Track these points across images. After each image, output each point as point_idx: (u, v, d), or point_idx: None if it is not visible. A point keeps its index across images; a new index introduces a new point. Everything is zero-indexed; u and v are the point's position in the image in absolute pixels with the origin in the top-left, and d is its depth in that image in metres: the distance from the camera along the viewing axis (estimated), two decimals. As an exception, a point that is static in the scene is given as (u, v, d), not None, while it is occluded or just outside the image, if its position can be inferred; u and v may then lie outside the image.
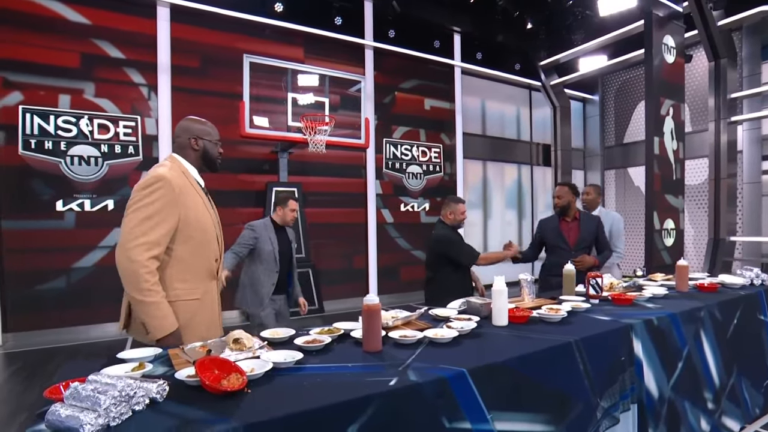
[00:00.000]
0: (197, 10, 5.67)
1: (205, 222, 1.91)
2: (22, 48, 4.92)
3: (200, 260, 1.90)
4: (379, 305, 1.64)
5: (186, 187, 1.85)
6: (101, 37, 5.29)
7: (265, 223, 3.38)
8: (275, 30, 6.19)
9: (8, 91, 4.87)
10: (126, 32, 5.40)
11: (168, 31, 5.60)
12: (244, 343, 1.64)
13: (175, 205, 1.77)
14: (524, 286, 2.44)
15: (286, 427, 1.12)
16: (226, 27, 5.90)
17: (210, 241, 1.93)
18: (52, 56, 5.06)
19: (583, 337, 1.79)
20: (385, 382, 1.33)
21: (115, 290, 1.81)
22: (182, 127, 1.97)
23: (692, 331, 2.35)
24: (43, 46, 5.00)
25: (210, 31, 5.83)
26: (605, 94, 9.37)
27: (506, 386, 1.53)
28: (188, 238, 1.83)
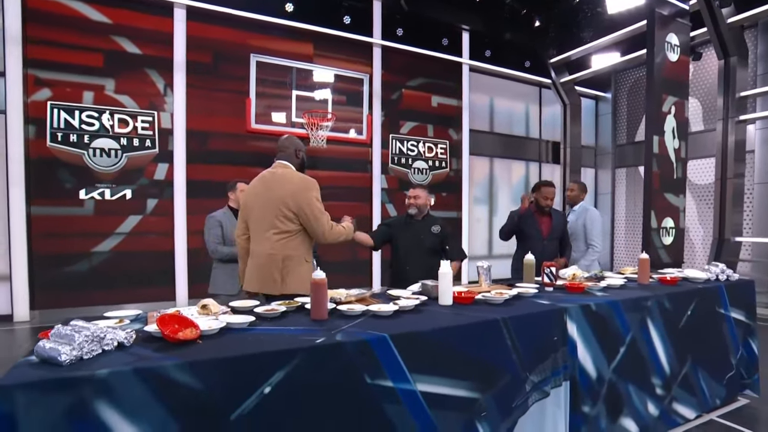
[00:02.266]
0: (212, 11, 6.04)
1: None
2: (51, 48, 5.38)
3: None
4: (324, 280, 1.91)
5: None
6: (122, 36, 5.70)
7: (223, 212, 3.53)
8: (285, 29, 6.49)
9: (38, 88, 5.34)
10: (145, 31, 5.80)
11: (184, 31, 5.98)
12: (210, 309, 1.94)
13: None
14: (481, 273, 2.66)
15: (219, 366, 1.41)
16: (238, 26, 6.24)
17: None
18: (78, 55, 5.50)
19: (511, 316, 2.01)
20: (313, 340, 1.60)
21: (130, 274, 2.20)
22: (289, 141, 2.70)
23: (637, 319, 2.52)
24: (69, 46, 5.45)
25: (223, 30, 6.18)
26: (618, 91, 9.32)
27: (429, 353, 1.77)
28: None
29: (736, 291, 3.14)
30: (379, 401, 1.65)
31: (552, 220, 3.70)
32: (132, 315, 1.89)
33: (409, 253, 3.36)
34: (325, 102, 6.16)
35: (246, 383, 1.44)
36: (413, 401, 1.72)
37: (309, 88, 6.20)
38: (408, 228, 3.41)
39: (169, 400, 1.33)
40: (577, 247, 4.02)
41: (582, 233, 4.02)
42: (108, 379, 1.27)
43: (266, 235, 2.53)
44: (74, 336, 1.34)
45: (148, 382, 1.32)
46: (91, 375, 1.25)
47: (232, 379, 1.43)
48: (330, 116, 5.80)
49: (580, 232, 4.03)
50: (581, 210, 4.10)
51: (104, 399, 1.26)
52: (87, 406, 1.24)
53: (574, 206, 4.16)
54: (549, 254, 2.94)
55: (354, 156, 7.15)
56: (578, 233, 4.03)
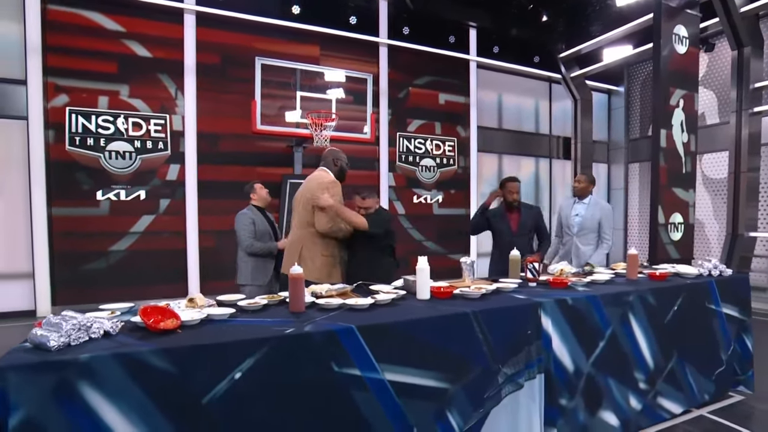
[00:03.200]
0: (220, 16, 6.24)
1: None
2: (68, 56, 5.66)
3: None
4: (301, 275, 2.03)
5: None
6: (135, 43, 5.96)
7: (249, 209, 3.84)
8: (292, 31, 6.65)
9: (57, 94, 5.64)
10: (156, 37, 6.04)
11: (194, 36, 6.20)
12: (196, 302, 2.09)
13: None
14: (464, 269, 2.74)
15: (193, 352, 1.54)
16: (246, 29, 6.42)
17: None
18: (93, 62, 5.77)
19: (482, 310, 2.09)
20: (283, 330, 1.72)
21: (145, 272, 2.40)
22: (330, 152, 3.21)
23: (618, 314, 2.56)
24: (85, 53, 5.72)
25: (232, 34, 6.38)
26: (631, 85, 9.17)
27: (397, 344, 1.87)
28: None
29: (728, 286, 3.13)
30: (346, 388, 1.76)
31: (521, 216, 3.75)
32: (125, 307, 2.05)
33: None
34: (329, 102, 6.30)
35: (218, 369, 1.57)
36: (381, 389, 1.82)
37: (313, 89, 6.36)
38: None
39: (145, 383, 1.47)
40: (587, 240, 3.96)
41: (595, 226, 3.95)
42: (90, 362, 1.41)
43: (294, 224, 3.15)
44: (62, 324, 1.49)
45: (127, 367, 1.46)
46: (74, 359, 1.40)
47: (205, 365, 1.56)
48: (333, 116, 5.93)
49: (593, 225, 3.94)
50: (593, 203, 4.00)
51: (87, 381, 1.41)
52: (71, 386, 1.39)
53: (583, 198, 4.03)
54: (519, 249, 2.98)
55: (361, 154, 7.27)
56: (591, 226, 3.94)
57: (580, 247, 3.94)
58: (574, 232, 3.95)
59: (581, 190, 4.06)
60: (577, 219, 3.94)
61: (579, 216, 3.94)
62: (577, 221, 3.93)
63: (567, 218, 4.03)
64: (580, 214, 3.96)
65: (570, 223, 3.99)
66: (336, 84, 6.59)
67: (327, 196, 2.94)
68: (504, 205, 3.82)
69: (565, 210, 4.07)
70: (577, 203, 4.03)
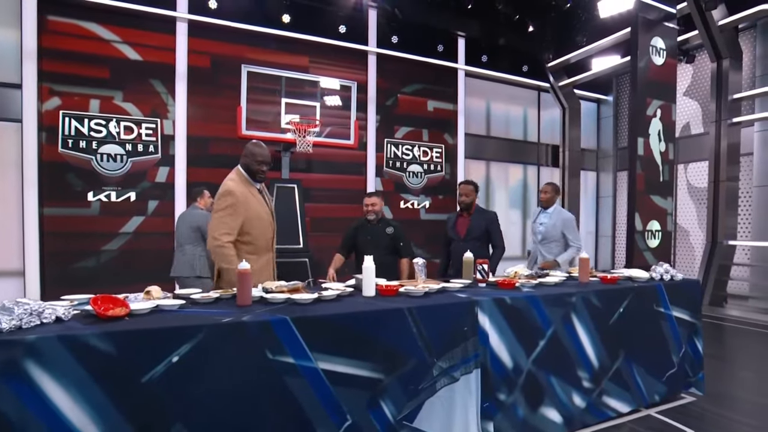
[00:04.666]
0: (211, 24, 6.47)
1: (261, 213, 2.84)
2: (63, 61, 5.89)
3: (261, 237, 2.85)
4: (248, 270, 2.19)
5: (247, 195, 2.77)
6: (128, 51, 6.18)
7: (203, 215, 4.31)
8: (282, 39, 6.86)
9: (51, 98, 5.86)
10: (149, 43, 6.27)
11: (185, 44, 6.42)
12: (152, 294, 2.26)
13: (239, 210, 2.69)
14: (417, 269, 2.89)
15: (133, 336, 1.70)
16: (237, 38, 6.64)
17: (264, 225, 2.86)
18: (87, 68, 6.00)
19: (417, 306, 2.24)
20: (220, 319, 1.88)
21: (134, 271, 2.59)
22: (245, 147, 2.88)
23: (560, 314, 2.70)
24: (79, 58, 5.95)
25: (222, 42, 6.60)
26: (619, 94, 9.31)
27: (331, 335, 2.02)
28: (252, 224, 2.77)
29: (678, 290, 3.26)
30: (280, 375, 1.91)
31: (471, 221, 3.85)
32: (84, 298, 2.21)
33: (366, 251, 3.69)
34: (314, 108, 6.49)
35: (156, 352, 1.73)
36: (314, 377, 1.97)
37: (300, 96, 6.55)
38: (366, 230, 3.94)
39: (88, 363, 1.63)
40: (549, 249, 4.09)
41: (559, 236, 4.08)
42: (36, 343, 1.57)
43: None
44: (13, 309, 1.66)
45: (72, 348, 1.61)
46: (21, 339, 1.56)
47: (145, 349, 1.72)
48: (316, 123, 6.12)
49: (556, 234, 4.07)
50: (556, 213, 4.13)
51: (33, 360, 1.56)
52: (18, 365, 1.55)
53: (548, 208, 4.17)
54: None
55: (348, 159, 7.45)
56: (554, 235, 4.07)
57: (544, 255, 4.09)
58: (538, 240, 4.10)
59: (547, 200, 4.18)
60: (540, 228, 4.09)
61: (542, 225, 4.09)
62: (541, 230, 4.08)
63: (533, 226, 4.20)
64: (544, 223, 4.11)
65: (534, 232, 4.15)
66: (325, 91, 6.79)
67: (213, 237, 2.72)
68: (462, 209, 3.96)
69: (533, 218, 4.25)
70: (542, 213, 4.17)
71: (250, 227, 2.74)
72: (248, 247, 2.76)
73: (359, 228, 3.98)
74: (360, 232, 3.95)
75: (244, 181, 2.82)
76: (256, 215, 2.77)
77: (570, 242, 4.08)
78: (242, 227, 2.72)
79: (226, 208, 2.68)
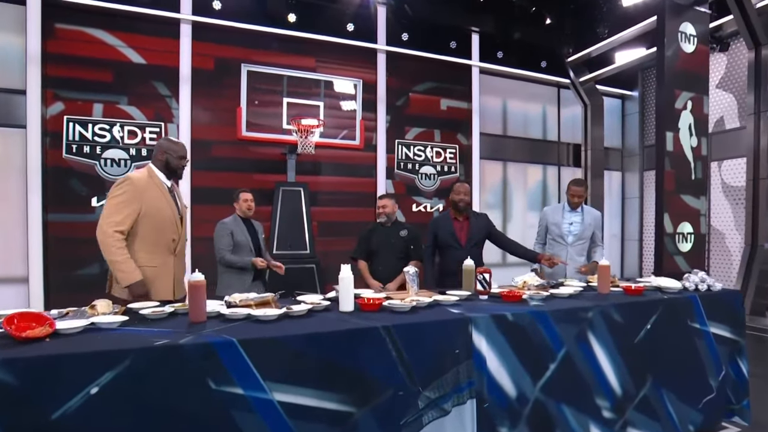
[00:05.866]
0: (216, 25, 6.28)
1: (163, 211, 2.59)
2: (66, 66, 5.79)
3: (159, 238, 2.58)
4: (202, 282, 1.87)
5: (149, 186, 2.55)
6: (132, 55, 6.05)
7: (234, 218, 3.78)
8: (288, 39, 6.62)
9: (55, 102, 5.76)
10: (153, 50, 6.12)
11: (189, 46, 6.24)
12: (97, 309, 1.97)
13: (136, 198, 2.47)
14: (408, 279, 2.52)
15: (42, 364, 1.40)
16: (242, 39, 6.43)
17: (166, 226, 2.60)
18: (91, 72, 5.89)
19: (397, 324, 1.87)
20: (153, 341, 1.56)
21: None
22: (157, 143, 2.73)
23: (573, 332, 2.29)
24: (83, 63, 5.84)
25: (226, 46, 6.40)
26: (645, 89, 8.70)
27: (289, 361, 1.68)
28: (149, 221, 2.53)
29: (716, 303, 2.79)
30: (226, 408, 1.58)
31: (470, 225, 3.47)
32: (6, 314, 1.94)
33: (380, 255, 3.67)
34: (317, 108, 6.21)
35: (71, 383, 1.42)
36: (269, 411, 1.64)
37: (302, 96, 6.30)
38: (379, 233, 3.71)
39: (-17, 398, 1.34)
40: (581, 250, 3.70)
41: (589, 235, 3.71)
42: None
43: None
44: None
45: (-36, 379, 1.33)
46: None
47: (56, 378, 1.42)
48: (320, 122, 5.82)
49: (588, 234, 3.70)
50: (587, 212, 3.74)
51: None
52: None
53: (576, 208, 3.72)
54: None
55: (358, 161, 7.14)
56: (586, 236, 3.69)
57: (575, 257, 3.65)
58: (569, 242, 3.65)
59: (583, 200, 3.76)
60: (572, 228, 3.64)
61: (574, 225, 3.65)
62: (573, 230, 3.63)
63: (559, 227, 3.70)
64: (575, 222, 3.67)
65: (563, 233, 3.68)
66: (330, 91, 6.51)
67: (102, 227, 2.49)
68: (450, 212, 3.57)
69: (555, 219, 3.74)
70: (569, 212, 3.72)
71: (147, 222, 2.51)
72: (143, 244, 2.52)
73: (373, 231, 3.77)
74: (374, 235, 3.73)
75: (153, 176, 2.61)
76: (156, 210, 2.53)
77: (597, 241, 3.73)
78: (138, 221, 2.48)
79: (119, 196, 2.46)
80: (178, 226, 2.66)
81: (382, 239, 3.68)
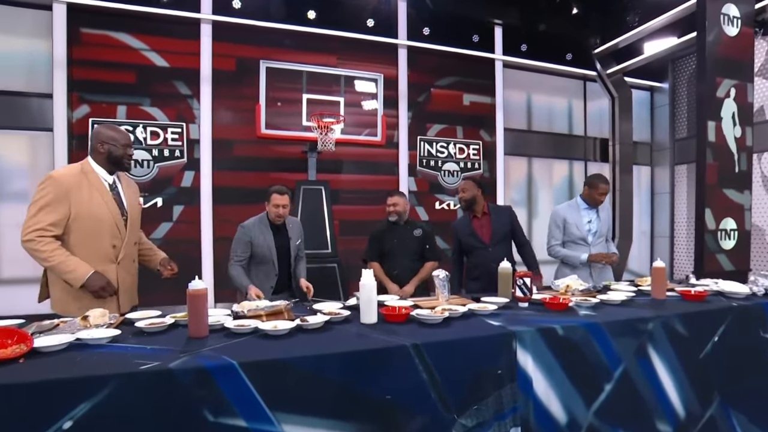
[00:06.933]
0: (236, 24, 6.05)
1: (98, 213, 2.18)
2: (91, 69, 5.65)
3: (94, 245, 2.17)
4: (203, 291, 1.58)
5: (79, 184, 2.13)
6: (155, 57, 5.87)
7: (260, 219, 3.05)
8: (308, 36, 6.34)
9: (80, 105, 5.63)
10: (175, 52, 5.94)
11: (210, 46, 6.03)
12: (89, 321, 1.69)
13: (60, 199, 2.07)
14: (437, 284, 2.18)
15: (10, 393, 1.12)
16: (260, 39, 6.19)
17: (103, 230, 2.17)
18: (116, 74, 5.74)
19: (429, 342, 1.53)
20: (141, 364, 1.27)
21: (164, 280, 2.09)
22: (93, 132, 2.28)
23: (632, 347, 1.90)
24: (107, 66, 5.69)
25: (246, 45, 6.17)
26: (676, 80, 8.07)
27: (299, 387, 1.36)
28: (81, 226, 2.14)
29: (792, 311, 2.34)
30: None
31: (492, 222, 3.12)
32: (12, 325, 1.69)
33: (394, 256, 3.34)
34: (337, 105, 5.91)
35: (38, 417, 1.14)
36: (277, 447, 1.32)
37: (322, 92, 6.01)
38: (392, 233, 3.37)
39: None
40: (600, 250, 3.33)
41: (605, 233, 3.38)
42: None
43: None
44: None
45: None
46: None
47: (21, 412, 1.14)
48: (340, 119, 5.52)
49: (605, 232, 3.36)
50: (603, 208, 3.40)
51: None
52: None
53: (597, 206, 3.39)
54: (496, 263, 2.38)
55: (380, 159, 6.82)
56: (605, 233, 3.37)
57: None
58: (591, 242, 3.25)
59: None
60: (592, 227, 3.25)
61: (593, 223, 3.25)
62: (593, 229, 3.23)
63: (579, 228, 3.28)
64: (593, 221, 3.27)
65: (584, 234, 3.27)
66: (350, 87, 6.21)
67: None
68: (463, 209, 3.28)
69: (574, 218, 3.31)
70: (587, 210, 3.32)
71: (78, 226, 2.09)
72: (75, 251, 2.09)
73: (385, 231, 3.42)
74: (386, 235, 3.39)
75: (88, 172, 2.17)
76: (88, 212, 2.11)
77: (609, 237, 3.40)
78: (68, 225, 2.08)
79: (39, 199, 2.05)
80: (121, 229, 2.23)
81: (394, 239, 3.34)
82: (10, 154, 5.54)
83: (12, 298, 5.31)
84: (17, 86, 5.53)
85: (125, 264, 2.31)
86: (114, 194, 2.25)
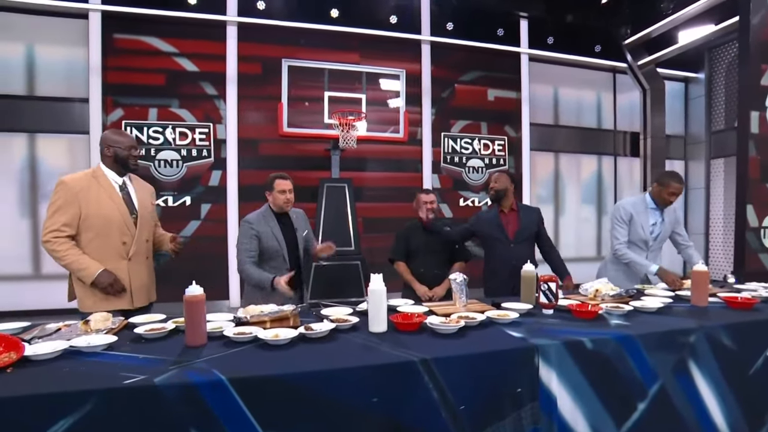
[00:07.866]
0: (260, 25, 6.00)
1: (107, 212, 2.23)
2: (124, 73, 5.72)
3: (105, 242, 2.22)
4: (200, 297, 1.46)
5: (89, 187, 2.20)
6: (183, 61, 5.89)
7: (263, 212, 2.78)
8: (331, 34, 6.22)
9: (114, 109, 5.71)
10: (202, 54, 5.94)
11: (235, 47, 6.01)
12: (90, 326, 1.61)
13: (71, 201, 2.15)
14: (455, 288, 1.99)
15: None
16: (284, 39, 6.12)
17: (113, 228, 2.24)
18: (146, 77, 5.79)
19: (439, 357, 1.36)
20: (126, 377, 1.15)
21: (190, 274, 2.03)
22: (101, 138, 2.31)
23: (670, 362, 1.66)
24: (138, 70, 5.75)
25: (271, 45, 6.11)
26: (713, 70, 7.48)
27: (295, 405, 1.22)
28: (91, 225, 2.20)
29: None
30: (215, 468, 1.14)
31: (519, 219, 2.89)
32: (14, 329, 1.62)
33: (420, 258, 3.16)
34: (359, 102, 5.75)
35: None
36: (271, 470, 1.18)
37: (345, 90, 5.88)
38: (420, 231, 3.18)
39: None
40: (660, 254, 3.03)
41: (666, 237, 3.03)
42: None
43: None
44: None
45: None
46: None
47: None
48: (362, 116, 5.36)
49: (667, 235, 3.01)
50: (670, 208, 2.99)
51: None
52: None
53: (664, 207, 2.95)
54: (517, 260, 2.17)
55: (403, 156, 6.64)
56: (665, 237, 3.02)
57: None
58: (650, 247, 2.93)
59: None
60: (656, 230, 2.91)
61: (657, 226, 2.91)
62: (656, 232, 2.91)
63: (644, 229, 2.89)
64: (657, 223, 2.91)
65: (647, 236, 2.90)
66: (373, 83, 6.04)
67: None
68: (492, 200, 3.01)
69: (640, 217, 2.89)
70: (652, 210, 2.91)
71: (88, 226, 2.17)
72: (87, 249, 2.18)
73: (412, 229, 3.20)
74: (413, 235, 3.17)
75: (99, 176, 2.24)
76: (97, 212, 2.18)
77: (682, 240, 3.00)
78: (80, 225, 2.17)
79: (54, 203, 2.18)
80: (130, 227, 2.27)
81: (423, 238, 3.14)
82: (52, 157, 5.69)
83: (53, 293, 5.46)
84: (59, 92, 5.67)
85: (137, 260, 2.33)
86: (123, 194, 2.29)
